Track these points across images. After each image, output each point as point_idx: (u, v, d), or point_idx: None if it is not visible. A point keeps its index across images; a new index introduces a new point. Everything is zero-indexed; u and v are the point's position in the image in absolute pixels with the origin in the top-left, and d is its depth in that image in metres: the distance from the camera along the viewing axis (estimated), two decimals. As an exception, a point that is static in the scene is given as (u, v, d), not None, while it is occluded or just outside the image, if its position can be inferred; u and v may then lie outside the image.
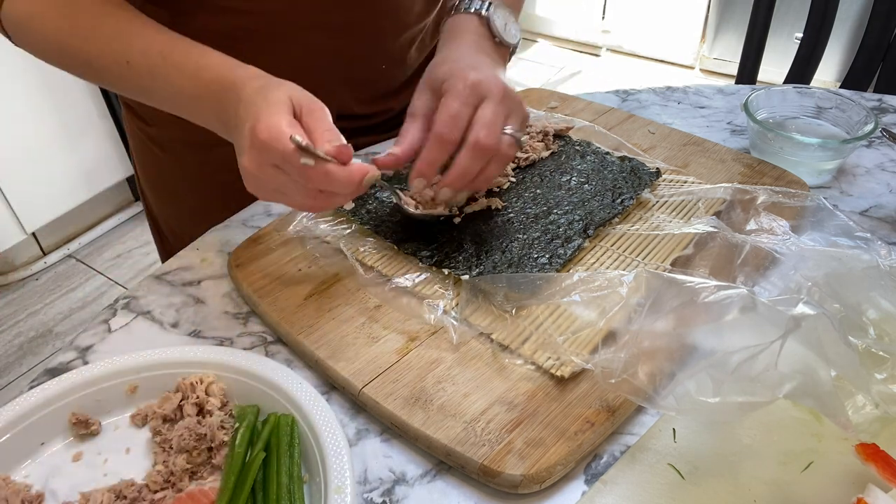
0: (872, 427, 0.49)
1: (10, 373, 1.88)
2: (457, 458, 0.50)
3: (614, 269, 0.64)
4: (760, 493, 0.48)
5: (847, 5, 2.17)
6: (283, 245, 0.69)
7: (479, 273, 0.62)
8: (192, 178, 0.89)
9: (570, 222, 0.68)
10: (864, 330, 0.54)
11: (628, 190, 0.72)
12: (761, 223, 0.66)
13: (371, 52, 0.82)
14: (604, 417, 0.52)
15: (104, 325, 0.64)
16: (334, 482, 0.47)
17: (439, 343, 0.59)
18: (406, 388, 0.55)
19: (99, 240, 2.31)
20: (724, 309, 0.50)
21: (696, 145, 0.83)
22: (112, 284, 2.14)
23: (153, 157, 0.90)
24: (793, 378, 0.46)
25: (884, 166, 0.83)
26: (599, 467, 0.52)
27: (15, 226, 2.05)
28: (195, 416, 0.53)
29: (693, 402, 0.47)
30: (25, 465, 0.52)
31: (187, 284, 0.69)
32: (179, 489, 0.50)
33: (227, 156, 0.80)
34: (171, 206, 0.94)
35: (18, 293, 2.12)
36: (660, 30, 3.11)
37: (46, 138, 2.02)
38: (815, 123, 0.85)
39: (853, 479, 0.48)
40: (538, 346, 0.57)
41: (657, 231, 0.68)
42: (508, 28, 0.72)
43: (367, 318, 0.61)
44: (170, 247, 0.96)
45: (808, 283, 0.56)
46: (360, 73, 0.83)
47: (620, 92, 1.00)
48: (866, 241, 0.62)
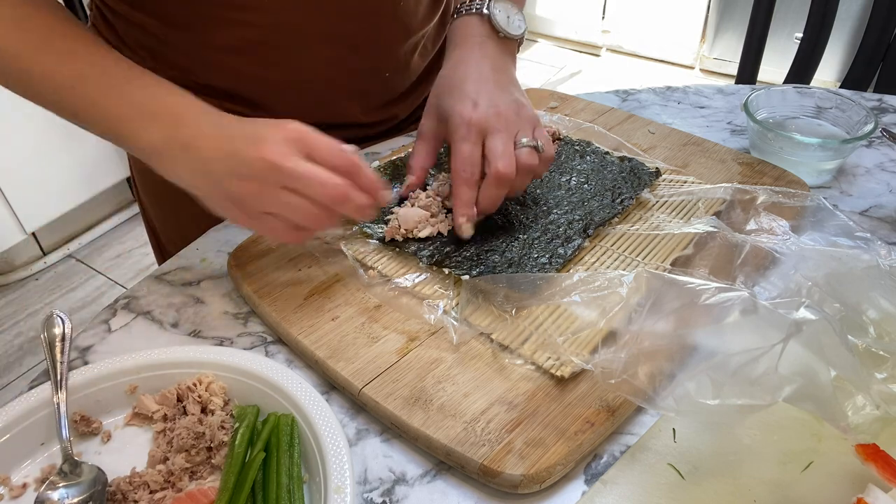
0: (872, 427, 0.49)
1: (10, 373, 1.88)
2: (457, 458, 0.50)
3: (614, 268, 0.65)
4: (760, 493, 0.48)
5: (847, 5, 2.18)
6: (283, 245, 0.69)
7: (479, 273, 0.62)
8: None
9: (570, 222, 0.68)
10: (865, 330, 0.54)
11: (628, 190, 0.72)
12: (761, 223, 0.66)
13: (377, 61, 0.82)
14: (604, 417, 0.52)
15: (104, 325, 0.64)
16: (334, 482, 0.47)
17: (439, 343, 0.59)
18: (406, 388, 0.55)
19: (99, 240, 2.31)
20: (725, 311, 0.50)
21: (696, 145, 0.83)
22: (112, 284, 2.14)
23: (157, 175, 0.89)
24: (793, 381, 0.46)
25: (884, 166, 0.83)
26: (599, 467, 0.52)
27: (15, 226, 2.05)
28: (197, 415, 0.53)
29: (693, 403, 0.47)
30: (25, 465, 0.52)
31: (187, 284, 0.69)
32: (179, 489, 0.50)
33: None
34: (171, 216, 0.93)
35: (18, 293, 2.12)
36: (660, 30, 3.11)
37: (46, 138, 2.02)
38: (815, 123, 0.85)
39: (853, 479, 0.48)
40: (538, 347, 0.57)
41: (657, 231, 0.68)
42: (511, 20, 0.73)
43: (367, 318, 0.61)
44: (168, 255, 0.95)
45: (808, 283, 0.56)
46: (365, 82, 0.83)
47: (620, 92, 1.00)
48: (866, 241, 0.62)
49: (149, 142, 0.60)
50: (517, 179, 0.66)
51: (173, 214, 0.93)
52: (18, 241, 2.10)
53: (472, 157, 0.65)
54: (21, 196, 2.02)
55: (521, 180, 0.66)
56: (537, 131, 0.68)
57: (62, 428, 0.52)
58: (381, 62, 0.83)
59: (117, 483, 0.50)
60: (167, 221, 0.94)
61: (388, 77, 0.85)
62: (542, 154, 0.67)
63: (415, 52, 0.86)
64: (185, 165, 0.59)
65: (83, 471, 0.50)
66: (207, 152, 0.58)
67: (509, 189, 0.66)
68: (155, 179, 0.92)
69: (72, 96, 0.61)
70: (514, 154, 0.65)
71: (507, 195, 0.67)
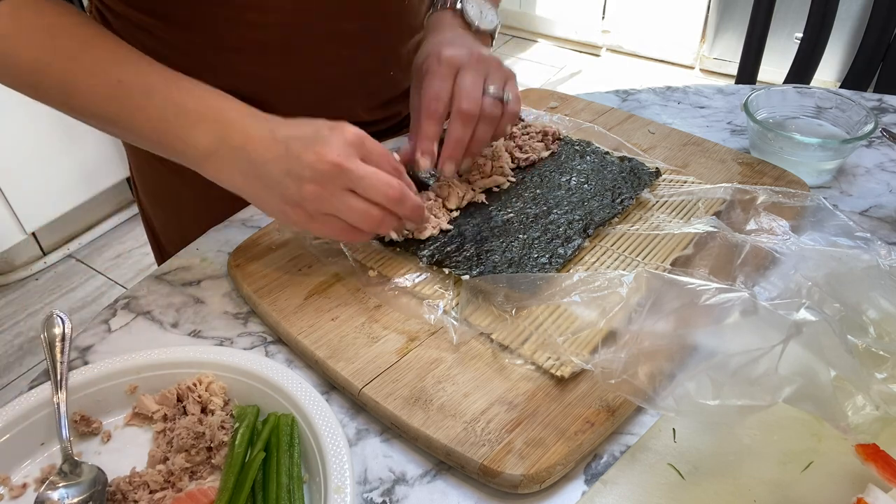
0: (872, 427, 0.49)
1: (10, 373, 1.88)
2: (457, 458, 0.50)
3: (614, 268, 0.64)
4: (760, 493, 0.48)
5: (847, 5, 2.18)
6: (283, 245, 0.69)
7: (480, 273, 0.62)
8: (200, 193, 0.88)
9: (570, 222, 0.68)
10: (865, 329, 0.54)
11: (628, 190, 0.72)
12: (761, 223, 0.66)
13: (382, 60, 0.83)
14: (604, 417, 0.52)
15: (104, 325, 0.64)
16: (334, 482, 0.47)
17: (439, 343, 0.59)
18: (406, 388, 0.55)
19: (99, 240, 2.31)
20: (725, 311, 0.50)
21: (696, 145, 0.83)
22: (112, 284, 2.14)
23: (158, 176, 0.89)
24: (793, 382, 0.46)
25: (884, 166, 0.83)
26: (599, 467, 0.52)
27: (15, 226, 2.05)
28: (197, 415, 0.53)
29: (692, 403, 0.47)
30: (25, 465, 0.52)
31: (187, 284, 0.69)
32: (179, 489, 0.50)
33: None
34: (172, 217, 0.93)
35: (18, 293, 2.12)
36: (660, 30, 3.11)
37: (46, 138, 2.02)
38: (815, 123, 0.85)
39: (853, 479, 0.48)
40: (538, 347, 0.57)
41: (657, 231, 0.68)
42: (484, 15, 0.75)
43: (367, 318, 0.61)
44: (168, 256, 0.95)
45: (808, 283, 0.56)
46: (371, 80, 0.84)
47: (620, 92, 1.00)
48: (866, 241, 0.62)
49: (197, 146, 0.59)
50: (479, 127, 0.66)
51: (174, 216, 0.92)
52: (18, 241, 2.10)
53: (441, 91, 0.66)
54: (21, 196, 2.02)
55: (482, 129, 0.67)
56: (509, 84, 0.68)
57: (62, 428, 0.52)
58: (387, 60, 0.83)
59: (117, 483, 0.50)
60: (167, 222, 0.94)
61: (393, 75, 0.85)
62: (506, 106, 0.68)
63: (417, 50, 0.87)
64: (236, 168, 0.59)
65: (83, 471, 0.50)
66: (261, 154, 0.58)
67: (473, 140, 0.67)
68: (155, 180, 0.93)
69: (113, 104, 0.60)
70: (481, 97, 0.65)
71: (471, 151, 0.68)
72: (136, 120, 0.61)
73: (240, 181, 0.60)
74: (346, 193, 0.57)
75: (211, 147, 0.59)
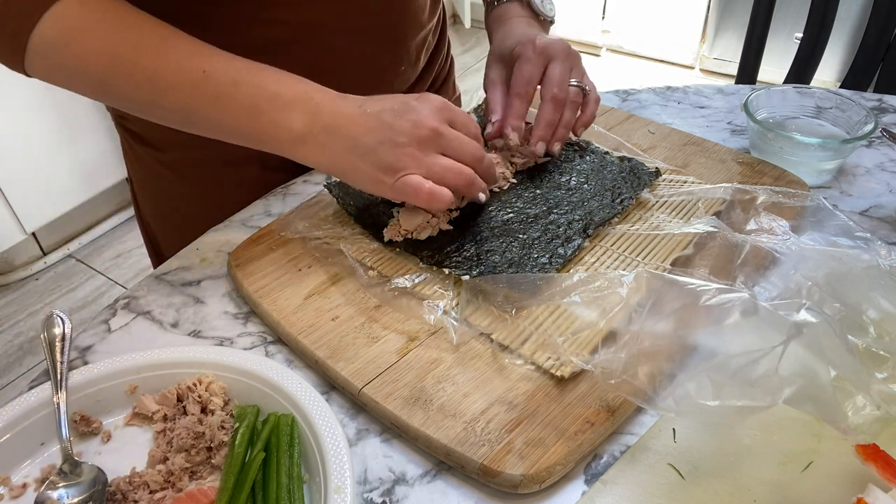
0: (872, 427, 0.49)
1: (10, 373, 1.88)
2: (457, 458, 0.50)
3: (614, 268, 0.64)
4: (760, 493, 0.48)
5: (847, 5, 2.17)
6: (283, 245, 0.69)
7: (480, 273, 0.62)
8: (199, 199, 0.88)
9: (570, 222, 0.68)
10: (865, 329, 0.54)
11: (628, 190, 0.72)
12: (761, 223, 0.66)
13: (395, 55, 0.84)
14: (604, 417, 0.52)
15: (104, 325, 0.64)
16: (334, 482, 0.47)
17: (439, 343, 0.59)
18: (406, 388, 0.55)
19: (99, 240, 2.31)
20: (726, 312, 0.50)
21: (696, 145, 0.83)
22: (112, 284, 2.14)
23: (158, 180, 0.89)
24: (793, 383, 0.46)
25: (884, 166, 0.83)
26: (599, 467, 0.52)
27: (15, 226, 2.05)
28: (197, 415, 0.53)
29: (692, 404, 0.47)
30: (25, 465, 0.52)
31: (187, 284, 0.69)
32: (179, 489, 0.50)
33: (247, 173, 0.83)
34: (171, 218, 0.93)
35: (18, 293, 2.12)
36: (660, 30, 3.11)
37: (46, 138, 2.02)
38: (815, 123, 0.85)
39: (853, 479, 0.48)
40: (538, 347, 0.57)
41: (657, 231, 0.68)
42: (545, 4, 0.83)
43: (366, 318, 0.61)
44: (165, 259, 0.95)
45: (808, 283, 0.56)
46: (383, 76, 0.85)
47: (620, 92, 1.00)
48: (866, 241, 0.62)
49: (291, 129, 0.62)
50: (566, 112, 0.73)
51: (172, 221, 0.92)
52: (18, 241, 2.10)
53: (532, 76, 0.73)
54: (21, 196, 2.02)
55: (568, 114, 0.74)
56: (585, 78, 0.76)
57: (62, 428, 0.52)
58: (398, 56, 0.84)
59: (117, 483, 0.50)
60: (166, 223, 0.94)
61: (403, 71, 0.86)
62: (588, 95, 0.76)
63: (423, 47, 0.88)
64: (331, 147, 0.62)
65: (83, 471, 0.50)
66: (353, 129, 0.61)
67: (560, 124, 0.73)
68: (154, 184, 0.93)
69: (197, 95, 0.61)
70: (567, 86, 0.73)
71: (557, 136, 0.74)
72: (224, 109, 0.62)
73: (335, 158, 0.62)
74: (439, 155, 0.62)
75: (304, 129, 0.62)
